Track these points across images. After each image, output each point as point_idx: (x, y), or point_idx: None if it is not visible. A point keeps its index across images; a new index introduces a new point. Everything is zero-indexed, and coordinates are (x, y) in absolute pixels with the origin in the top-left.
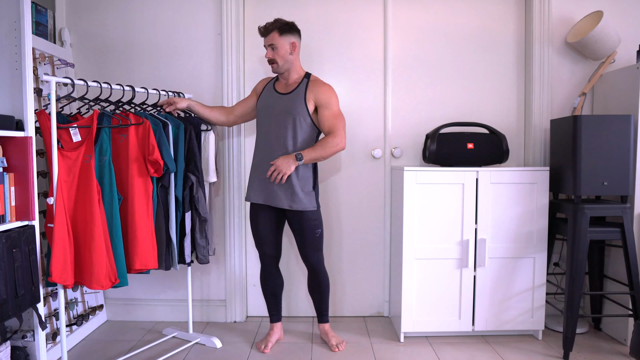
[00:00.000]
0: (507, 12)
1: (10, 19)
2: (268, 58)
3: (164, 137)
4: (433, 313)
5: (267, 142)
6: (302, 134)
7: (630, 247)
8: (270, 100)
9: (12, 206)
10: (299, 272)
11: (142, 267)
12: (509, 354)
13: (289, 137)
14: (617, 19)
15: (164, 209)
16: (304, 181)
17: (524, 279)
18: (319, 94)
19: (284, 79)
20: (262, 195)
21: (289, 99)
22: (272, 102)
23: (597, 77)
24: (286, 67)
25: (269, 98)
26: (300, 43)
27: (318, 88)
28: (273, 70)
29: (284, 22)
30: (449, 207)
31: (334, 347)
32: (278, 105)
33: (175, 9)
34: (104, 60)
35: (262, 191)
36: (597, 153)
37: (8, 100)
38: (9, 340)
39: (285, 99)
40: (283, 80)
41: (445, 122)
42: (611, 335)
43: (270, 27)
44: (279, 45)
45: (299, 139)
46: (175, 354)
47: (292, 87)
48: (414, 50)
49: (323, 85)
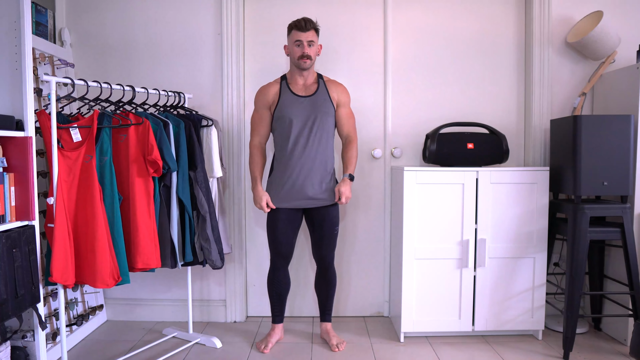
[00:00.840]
0: (507, 12)
1: (10, 19)
2: (305, 53)
3: (164, 136)
4: (433, 313)
5: (297, 146)
6: (329, 133)
7: (630, 247)
8: (295, 104)
9: (12, 206)
10: (300, 273)
11: (144, 266)
12: (509, 354)
13: (323, 137)
14: (617, 19)
15: (167, 208)
16: (334, 173)
17: (524, 279)
18: (341, 94)
19: (302, 79)
20: (297, 199)
21: (316, 100)
22: (297, 105)
23: (597, 77)
24: (312, 65)
25: (293, 102)
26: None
27: (338, 87)
28: (304, 66)
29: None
30: (449, 207)
31: (334, 346)
32: (305, 107)
33: (175, 9)
34: (104, 60)
35: (295, 196)
36: (597, 153)
37: (8, 100)
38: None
39: (312, 100)
40: (300, 81)
41: (445, 122)
42: (611, 335)
43: (310, 24)
44: (315, 43)
45: (329, 139)
46: (175, 354)
47: (313, 89)
48: (414, 51)
49: (341, 85)
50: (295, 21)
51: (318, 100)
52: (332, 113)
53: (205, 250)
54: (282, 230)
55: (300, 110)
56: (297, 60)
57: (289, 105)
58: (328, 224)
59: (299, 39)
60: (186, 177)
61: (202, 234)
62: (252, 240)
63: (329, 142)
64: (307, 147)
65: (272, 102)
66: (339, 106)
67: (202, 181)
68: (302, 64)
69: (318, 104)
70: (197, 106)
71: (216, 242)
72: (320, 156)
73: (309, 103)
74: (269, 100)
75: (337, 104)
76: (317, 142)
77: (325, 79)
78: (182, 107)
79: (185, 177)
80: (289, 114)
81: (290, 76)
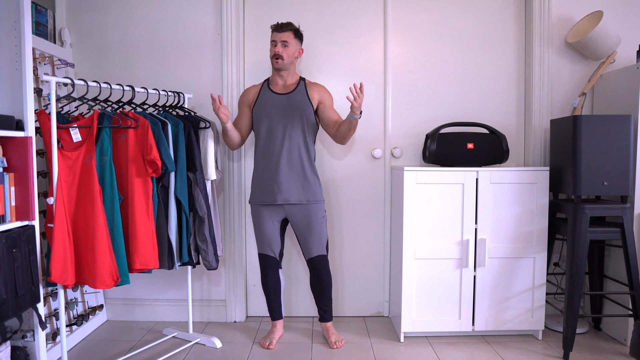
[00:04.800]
0: (507, 12)
1: (10, 19)
2: (277, 53)
3: (162, 136)
4: (433, 313)
5: (272, 140)
6: (308, 129)
7: (630, 247)
8: (272, 101)
9: (12, 206)
10: (299, 272)
11: (142, 267)
12: (509, 354)
13: (298, 132)
14: (617, 19)
15: (165, 209)
16: (315, 172)
17: (524, 279)
18: (323, 94)
19: (281, 80)
20: (275, 195)
21: (292, 97)
22: (273, 102)
23: (597, 77)
24: (288, 66)
25: (269, 99)
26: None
27: (319, 88)
28: (276, 66)
29: (298, 28)
30: (449, 207)
31: (333, 344)
32: (281, 103)
33: (175, 9)
34: (104, 60)
35: (274, 192)
36: (597, 153)
37: (8, 100)
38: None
39: (288, 97)
40: (280, 82)
41: (445, 122)
42: (611, 335)
43: (287, 26)
44: (291, 44)
45: (307, 134)
46: (175, 354)
47: (291, 88)
48: (413, 51)
49: (322, 86)
50: (274, 23)
51: (294, 96)
52: (310, 110)
53: (202, 251)
54: (265, 226)
55: (274, 106)
56: (271, 59)
57: (263, 102)
58: (316, 222)
59: (274, 39)
60: (184, 177)
61: (200, 235)
62: (252, 240)
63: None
64: (278, 142)
65: (252, 100)
66: (323, 105)
67: (201, 182)
68: (275, 63)
69: (294, 99)
70: (197, 106)
71: (212, 244)
72: (296, 151)
73: (285, 99)
74: (250, 99)
75: (320, 101)
76: (292, 137)
77: (307, 82)
78: (181, 108)
79: (184, 178)
80: (263, 110)
81: (272, 78)
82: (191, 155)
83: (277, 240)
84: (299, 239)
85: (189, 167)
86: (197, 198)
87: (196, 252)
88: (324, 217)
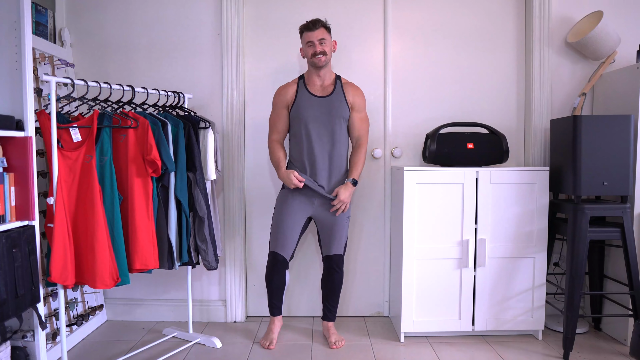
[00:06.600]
0: (507, 12)
1: (10, 19)
2: (319, 50)
3: (162, 136)
4: (433, 313)
5: (310, 145)
6: (342, 136)
7: (630, 247)
8: (311, 104)
9: (12, 206)
10: (300, 272)
11: (142, 267)
12: (509, 354)
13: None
14: (617, 19)
15: (165, 209)
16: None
17: (524, 279)
18: (357, 98)
19: (319, 80)
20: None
21: (332, 102)
22: (313, 105)
23: (597, 77)
24: (328, 62)
25: (308, 102)
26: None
27: (355, 91)
28: (319, 64)
29: (326, 22)
30: (449, 207)
31: (332, 344)
32: (320, 108)
33: (175, 9)
34: (104, 60)
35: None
36: (597, 153)
37: (8, 100)
38: (9, 340)
39: (328, 102)
40: (318, 82)
41: (445, 122)
42: (611, 335)
43: (318, 23)
44: (327, 40)
45: (342, 141)
46: (175, 354)
47: (329, 90)
48: (413, 50)
49: (358, 89)
50: (303, 24)
51: (334, 101)
52: (347, 116)
53: (201, 251)
54: (289, 224)
55: (316, 110)
56: (311, 59)
57: (305, 104)
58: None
59: (310, 40)
60: (184, 177)
61: (200, 235)
62: (252, 240)
63: (343, 144)
64: (322, 147)
65: (290, 101)
66: (353, 110)
67: (201, 182)
68: (317, 61)
69: (334, 105)
70: (196, 106)
71: (212, 244)
72: (336, 158)
73: (325, 104)
74: (287, 100)
75: (352, 107)
76: (332, 143)
77: (343, 81)
78: (180, 108)
79: (184, 178)
80: (304, 114)
81: (308, 77)
82: (191, 155)
83: (294, 240)
84: (321, 235)
85: (188, 167)
86: (197, 198)
87: (196, 252)
88: (349, 217)
